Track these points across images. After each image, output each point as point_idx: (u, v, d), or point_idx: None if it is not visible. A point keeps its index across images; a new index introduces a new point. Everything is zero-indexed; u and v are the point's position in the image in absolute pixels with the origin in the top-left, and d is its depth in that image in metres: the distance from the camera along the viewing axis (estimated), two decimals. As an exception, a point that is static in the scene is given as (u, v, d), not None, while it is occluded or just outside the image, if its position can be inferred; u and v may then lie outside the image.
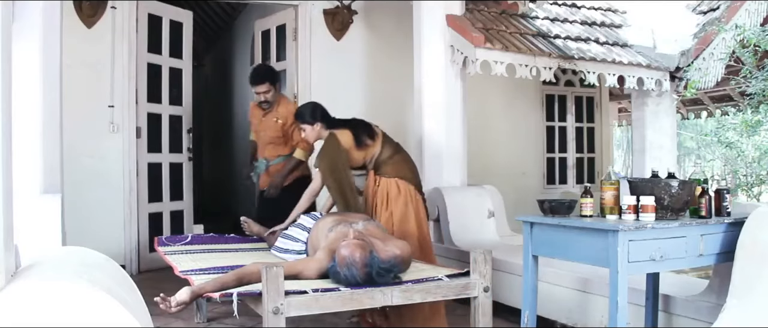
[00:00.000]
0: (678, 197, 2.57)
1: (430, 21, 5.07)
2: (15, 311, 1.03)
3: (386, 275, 2.75)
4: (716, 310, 2.85)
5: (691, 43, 5.50)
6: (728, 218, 2.71)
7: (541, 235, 2.77)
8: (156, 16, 5.56)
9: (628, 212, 2.57)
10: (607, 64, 5.22)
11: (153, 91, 5.52)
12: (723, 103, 8.41)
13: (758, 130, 4.34)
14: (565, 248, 2.65)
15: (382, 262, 2.75)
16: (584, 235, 2.55)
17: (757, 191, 5.13)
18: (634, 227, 2.43)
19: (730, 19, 5.33)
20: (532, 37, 5.17)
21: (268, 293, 2.49)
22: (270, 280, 2.50)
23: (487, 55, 4.78)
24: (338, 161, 3.78)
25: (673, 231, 2.54)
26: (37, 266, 1.35)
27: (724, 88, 7.33)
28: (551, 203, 2.74)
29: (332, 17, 6.09)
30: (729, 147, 4.23)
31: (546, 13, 5.83)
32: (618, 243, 2.38)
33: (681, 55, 5.47)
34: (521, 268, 3.83)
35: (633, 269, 2.45)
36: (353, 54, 6.17)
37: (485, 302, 2.86)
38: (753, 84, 4.60)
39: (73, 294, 1.10)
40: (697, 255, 2.61)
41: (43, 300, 1.06)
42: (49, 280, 1.17)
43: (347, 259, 2.70)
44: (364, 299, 2.70)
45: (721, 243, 2.67)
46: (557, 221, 2.66)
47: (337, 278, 2.74)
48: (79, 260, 1.51)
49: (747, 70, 4.75)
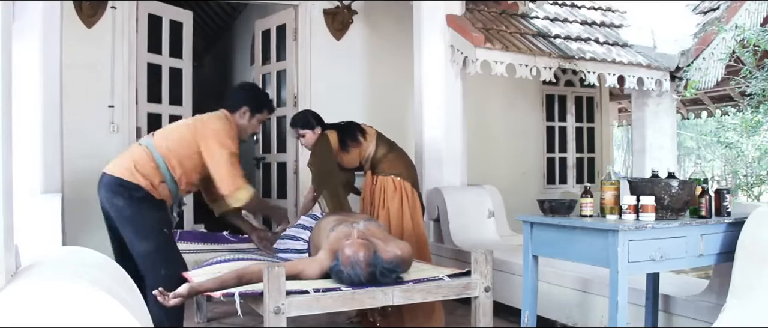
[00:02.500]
0: (678, 196, 2.57)
1: (430, 21, 5.07)
2: (16, 311, 1.02)
3: (389, 275, 2.76)
4: (716, 310, 2.85)
5: (692, 43, 5.50)
6: (728, 218, 2.71)
7: (541, 235, 2.77)
8: (156, 16, 5.55)
9: (628, 212, 2.57)
10: (607, 64, 5.22)
11: (153, 92, 5.52)
12: (723, 103, 8.40)
13: (758, 130, 4.34)
14: (566, 248, 2.65)
15: (385, 262, 2.77)
16: (584, 235, 2.55)
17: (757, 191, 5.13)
18: (634, 227, 2.43)
19: (730, 20, 5.32)
20: (532, 37, 5.17)
21: (269, 293, 2.49)
22: (271, 280, 2.50)
23: (488, 55, 4.78)
24: (328, 159, 3.86)
25: (673, 231, 2.54)
26: (37, 266, 1.35)
27: (724, 88, 7.33)
28: (551, 203, 2.74)
29: (332, 17, 6.08)
30: (729, 147, 4.22)
31: (546, 13, 5.83)
32: (618, 243, 2.38)
33: (681, 55, 5.46)
34: (521, 268, 3.84)
35: (633, 269, 2.45)
36: (353, 54, 6.16)
37: (486, 301, 2.87)
38: (753, 84, 4.61)
39: (73, 294, 1.10)
40: (697, 255, 2.62)
41: (43, 300, 1.06)
42: (50, 280, 1.17)
43: (351, 258, 2.71)
44: (366, 298, 2.71)
45: (721, 243, 2.67)
46: (557, 221, 2.66)
47: (340, 277, 2.74)
48: (79, 260, 1.51)
49: (747, 71, 4.75)
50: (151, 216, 3.17)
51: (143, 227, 3.14)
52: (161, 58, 5.61)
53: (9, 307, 1.05)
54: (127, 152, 3.32)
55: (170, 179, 3.23)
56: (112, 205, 3.14)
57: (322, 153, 3.87)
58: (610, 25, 6.08)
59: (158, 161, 3.20)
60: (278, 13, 6.20)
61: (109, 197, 3.15)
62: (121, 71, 5.23)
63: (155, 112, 5.55)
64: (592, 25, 5.92)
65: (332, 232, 3.13)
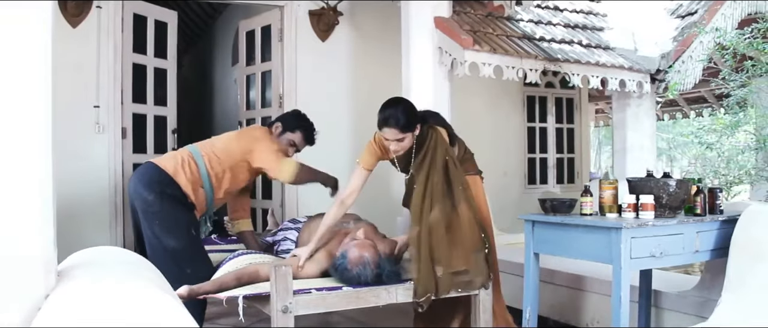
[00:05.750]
0: (675, 195, 2.66)
1: (418, 23, 5.11)
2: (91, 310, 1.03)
3: (393, 276, 2.81)
4: (707, 304, 2.96)
5: (671, 46, 5.64)
6: (721, 216, 2.81)
7: (542, 233, 2.83)
8: (141, 16, 5.50)
9: (627, 211, 2.64)
10: (591, 66, 5.32)
11: (138, 92, 5.46)
12: (697, 105, 8.62)
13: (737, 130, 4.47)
14: (568, 245, 2.71)
15: (389, 262, 2.83)
16: (587, 232, 2.61)
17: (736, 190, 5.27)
18: (636, 224, 2.51)
19: (709, 22, 5.48)
20: (518, 40, 5.25)
21: (277, 292, 2.51)
22: (279, 279, 2.51)
23: (476, 57, 4.84)
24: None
25: (672, 228, 2.62)
26: (80, 267, 1.35)
27: (700, 90, 7.52)
28: (553, 202, 2.81)
29: (318, 18, 6.09)
30: (709, 148, 4.34)
31: (530, 15, 5.92)
32: (621, 240, 2.45)
33: (661, 58, 5.60)
34: (511, 266, 3.92)
35: (635, 265, 2.53)
36: (339, 55, 6.18)
37: (485, 299, 2.92)
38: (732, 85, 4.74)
39: (139, 294, 1.11)
40: (693, 251, 2.71)
41: (115, 300, 1.06)
42: (110, 280, 1.17)
43: (360, 259, 2.74)
44: (370, 297, 2.74)
45: (715, 240, 2.77)
46: (560, 220, 2.73)
47: (346, 276, 2.76)
48: (115, 259, 1.51)
49: (726, 72, 4.88)
50: (180, 215, 3.21)
51: (172, 224, 3.19)
52: (146, 58, 5.56)
53: (79, 307, 1.05)
54: (174, 153, 3.41)
55: (209, 185, 3.32)
56: (142, 198, 3.16)
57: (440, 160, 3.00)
58: (592, 28, 6.19)
59: (200, 166, 3.31)
60: (263, 14, 6.19)
61: (139, 190, 3.17)
62: (106, 71, 5.17)
63: (140, 113, 5.50)
64: (575, 28, 6.02)
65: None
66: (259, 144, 3.43)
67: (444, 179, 2.94)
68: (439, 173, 2.93)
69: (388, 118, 2.93)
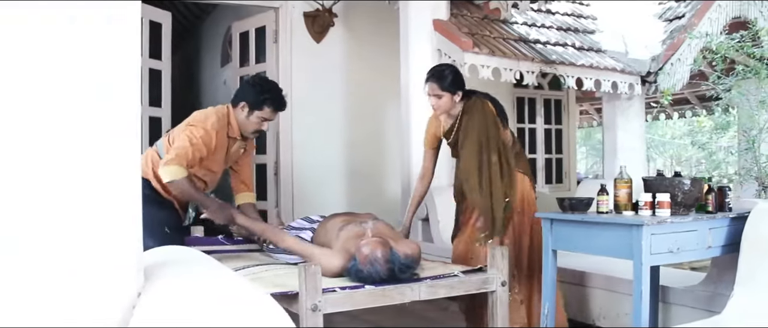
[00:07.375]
0: (690, 194, 2.75)
1: (417, 25, 5.16)
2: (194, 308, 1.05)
3: (407, 271, 2.83)
4: (715, 299, 3.06)
5: (661, 49, 5.78)
6: (731, 214, 2.91)
7: (561, 230, 2.90)
8: (136, 16, 5.46)
9: (644, 208, 2.73)
10: (585, 68, 5.43)
11: (133, 93, 5.41)
12: (679, 106, 8.83)
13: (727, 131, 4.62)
14: (587, 242, 2.79)
15: (402, 259, 2.84)
16: (607, 229, 2.70)
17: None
18: (655, 221, 2.59)
19: (696, 26, 5.63)
20: (515, 42, 5.34)
21: (306, 291, 2.53)
22: (308, 277, 2.53)
23: (475, 59, 4.91)
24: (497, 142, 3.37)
25: (687, 225, 2.72)
26: (157, 265, 1.37)
27: (683, 92, 7.70)
28: (571, 201, 2.88)
29: (313, 20, 6.11)
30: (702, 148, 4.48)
31: (525, 18, 6.02)
32: (642, 237, 2.53)
33: (652, 61, 5.74)
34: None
35: (654, 261, 2.62)
36: (334, 56, 6.20)
37: (503, 296, 2.97)
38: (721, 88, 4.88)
39: (234, 291, 1.14)
40: (706, 247, 2.80)
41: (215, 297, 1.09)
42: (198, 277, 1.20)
43: (370, 257, 2.76)
44: (395, 294, 2.77)
45: (725, 236, 2.87)
46: (580, 218, 2.80)
47: (360, 276, 2.78)
48: (179, 257, 1.53)
49: (715, 77, 5.03)
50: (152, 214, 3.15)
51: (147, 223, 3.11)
52: (141, 59, 5.52)
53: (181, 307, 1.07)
54: (145, 152, 3.39)
55: None
56: None
57: (489, 130, 3.24)
58: (584, 30, 6.31)
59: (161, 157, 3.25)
60: (257, 16, 6.18)
61: None
62: (102, 72, 5.12)
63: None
64: (567, 31, 6.14)
65: (341, 231, 3.17)
66: (182, 129, 3.27)
67: (495, 132, 3.26)
68: (491, 127, 3.27)
69: (433, 74, 3.39)
